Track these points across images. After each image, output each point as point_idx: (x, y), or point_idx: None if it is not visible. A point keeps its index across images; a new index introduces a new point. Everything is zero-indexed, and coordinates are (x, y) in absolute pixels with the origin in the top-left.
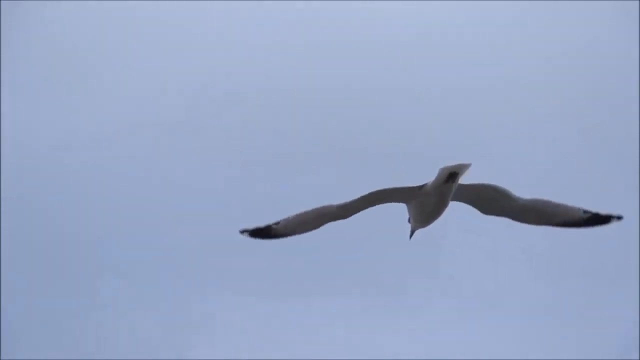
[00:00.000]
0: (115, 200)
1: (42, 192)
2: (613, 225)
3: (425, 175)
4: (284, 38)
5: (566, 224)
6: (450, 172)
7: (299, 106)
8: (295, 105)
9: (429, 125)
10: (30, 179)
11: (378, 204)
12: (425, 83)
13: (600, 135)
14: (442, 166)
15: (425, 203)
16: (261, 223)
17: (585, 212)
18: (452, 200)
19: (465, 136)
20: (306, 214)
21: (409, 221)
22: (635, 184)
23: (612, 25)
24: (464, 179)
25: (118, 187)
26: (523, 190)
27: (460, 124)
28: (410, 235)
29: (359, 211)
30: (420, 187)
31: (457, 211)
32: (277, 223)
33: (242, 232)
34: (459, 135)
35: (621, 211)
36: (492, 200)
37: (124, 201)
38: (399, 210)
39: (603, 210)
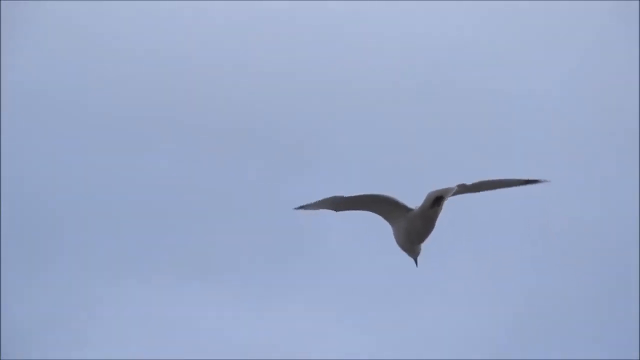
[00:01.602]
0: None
1: None
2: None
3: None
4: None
5: (507, 185)
6: (436, 197)
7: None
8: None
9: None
10: None
11: (369, 208)
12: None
13: (600, 135)
14: (429, 191)
15: (412, 227)
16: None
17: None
18: None
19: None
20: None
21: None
22: (635, 184)
23: (612, 25)
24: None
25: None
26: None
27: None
28: (416, 264)
29: (348, 209)
30: (407, 211)
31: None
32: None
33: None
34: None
35: (620, 209)
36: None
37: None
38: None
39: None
